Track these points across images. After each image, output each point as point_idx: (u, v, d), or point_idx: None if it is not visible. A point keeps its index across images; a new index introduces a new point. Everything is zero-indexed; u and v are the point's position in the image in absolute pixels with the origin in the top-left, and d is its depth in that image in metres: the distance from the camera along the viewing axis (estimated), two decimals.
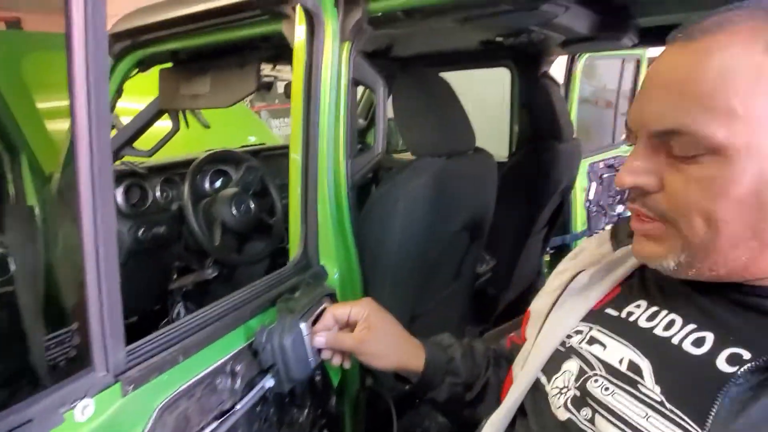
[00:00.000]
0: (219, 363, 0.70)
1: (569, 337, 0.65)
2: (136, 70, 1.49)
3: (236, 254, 1.76)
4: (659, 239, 0.53)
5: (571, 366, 0.61)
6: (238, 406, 0.70)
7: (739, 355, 0.48)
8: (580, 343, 0.62)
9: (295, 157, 1.01)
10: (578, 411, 0.58)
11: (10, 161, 1.47)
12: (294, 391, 0.88)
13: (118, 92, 1.49)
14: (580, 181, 2.24)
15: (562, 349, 0.64)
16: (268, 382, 0.76)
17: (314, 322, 0.82)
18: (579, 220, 2.33)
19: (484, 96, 2.50)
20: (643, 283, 0.63)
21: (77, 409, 0.52)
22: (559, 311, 0.68)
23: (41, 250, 1.17)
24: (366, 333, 0.82)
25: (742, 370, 0.46)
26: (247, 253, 1.83)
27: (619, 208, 2.56)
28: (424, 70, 1.31)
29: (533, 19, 1.21)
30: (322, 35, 0.97)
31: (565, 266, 0.75)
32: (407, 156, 2.08)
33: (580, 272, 0.70)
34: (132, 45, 1.38)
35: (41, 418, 0.49)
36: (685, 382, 0.50)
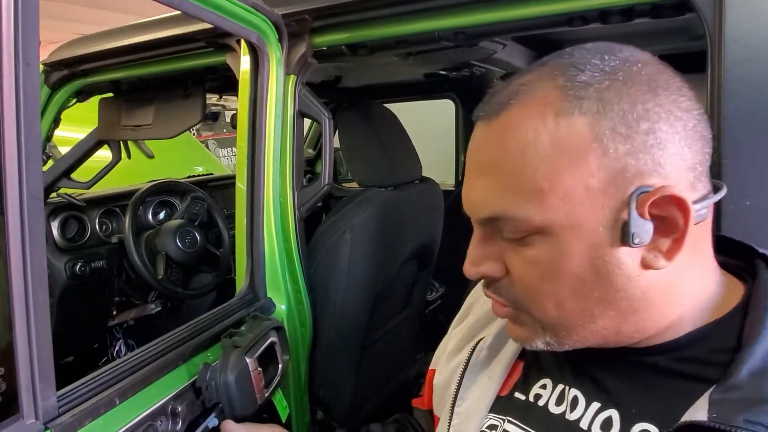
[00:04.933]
0: (159, 404, 0.67)
1: None
2: (74, 99, 1.45)
3: (181, 288, 1.71)
4: (518, 322, 0.51)
5: None
6: None
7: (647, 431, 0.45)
8: None
9: (241, 187, 1.01)
10: None
11: None
12: None
13: (56, 122, 1.44)
14: None
15: None
16: (212, 421, 0.74)
17: (262, 357, 0.81)
18: None
19: (430, 126, 2.56)
20: (542, 356, 0.58)
21: None
22: (467, 398, 0.62)
23: None
24: None
25: None
26: (192, 286, 1.78)
27: None
28: (369, 102, 1.33)
29: (473, 54, 1.26)
30: (267, 68, 0.98)
31: (461, 328, 0.69)
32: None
33: (478, 342, 0.64)
34: (70, 74, 1.35)
35: None
36: None
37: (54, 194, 1.56)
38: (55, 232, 1.53)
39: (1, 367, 0.54)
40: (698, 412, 0.42)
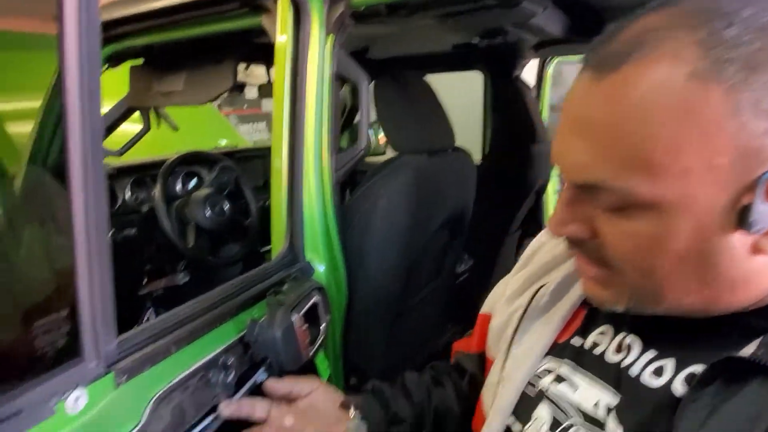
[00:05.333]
0: (211, 356, 0.67)
1: (538, 377, 0.58)
2: (106, 66, 1.45)
3: (210, 256, 1.72)
4: (605, 283, 0.48)
5: (543, 413, 0.55)
6: (234, 399, 0.68)
7: (693, 374, 0.44)
8: (549, 384, 0.56)
9: (280, 150, 1.00)
10: None
11: None
12: None
13: None
14: (552, 184, 2.29)
15: (531, 393, 0.57)
16: (261, 376, 0.74)
17: (306, 316, 0.81)
18: None
19: (457, 99, 2.53)
20: None
21: (69, 401, 0.49)
22: (523, 341, 0.61)
23: (6, 249, 1.12)
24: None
25: (694, 387, 0.42)
26: (220, 255, 1.79)
27: None
28: (405, 71, 1.31)
29: (512, 17, 1.23)
30: (308, 27, 0.96)
31: (523, 273, 0.68)
32: (379, 159, 2.09)
33: (541, 286, 0.63)
34: (103, 39, 1.34)
35: (30, 410, 0.46)
36: (645, 418, 0.46)
37: None
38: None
39: (64, 309, 0.55)
40: (744, 350, 0.41)
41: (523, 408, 0.58)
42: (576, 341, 0.57)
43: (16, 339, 0.57)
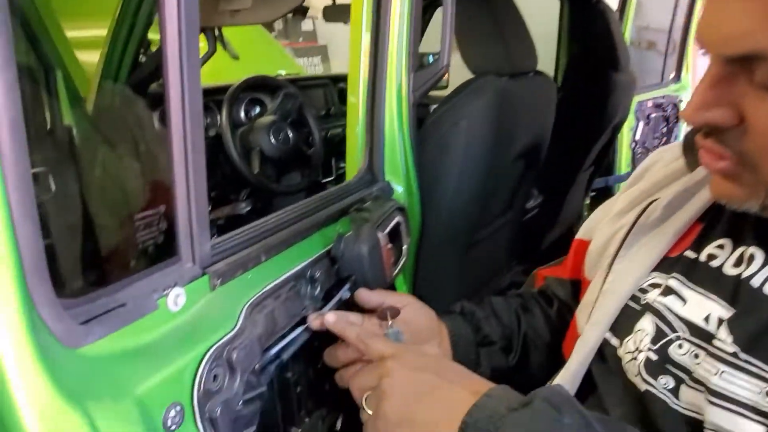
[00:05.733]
0: (300, 267, 0.65)
1: (643, 291, 0.56)
2: None
3: (274, 185, 1.71)
4: (738, 179, 0.45)
5: (646, 326, 0.53)
6: (322, 312, 0.66)
7: None
8: (656, 297, 0.54)
9: (359, 64, 0.94)
10: (655, 379, 0.50)
11: (46, 80, 1.42)
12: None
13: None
14: (628, 120, 2.15)
15: (635, 305, 0.56)
16: (345, 293, 0.72)
17: (390, 235, 0.77)
18: (624, 161, 2.24)
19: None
20: (727, 215, 0.53)
21: (169, 298, 0.48)
22: (629, 256, 0.59)
23: (84, 168, 1.13)
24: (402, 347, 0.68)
25: None
26: (283, 184, 1.78)
27: None
28: None
29: None
30: None
31: (632, 191, 0.65)
32: (441, 93, 2.00)
33: (652, 202, 0.60)
34: None
35: (135, 303, 0.45)
36: (762, 328, 0.44)
37: (154, 84, 1.56)
38: (155, 122, 1.54)
39: (162, 205, 0.53)
40: None
41: (625, 321, 0.56)
42: (689, 254, 0.55)
43: (120, 239, 0.56)
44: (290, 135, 1.68)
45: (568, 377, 0.58)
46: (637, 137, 2.27)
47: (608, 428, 0.44)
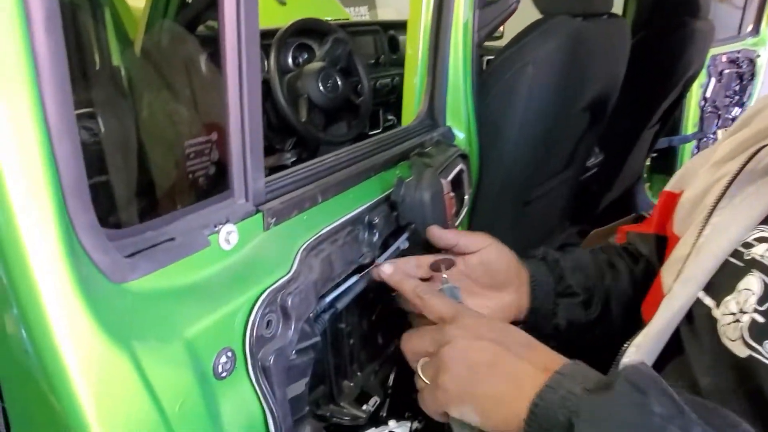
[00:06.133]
0: (358, 211, 0.60)
1: (747, 245, 0.49)
2: None
3: (321, 134, 1.65)
4: None
5: (753, 284, 0.46)
6: (379, 261, 0.61)
7: None
8: (764, 253, 0.47)
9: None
10: (760, 344, 0.44)
11: (94, 22, 1.40)
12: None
13: None
14: (701, 76, 1.98)
15: (737, 261, 0.49)
16: (403, 243, 0.66)
17: (452, 183, 0.71)
18: (691, 120, 2.08)
19: None
20: None
21: (221, 235, 0.43)
22: (731, 207, 0.52)
23: (133, 106, 1.10)
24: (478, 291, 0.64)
25: None
26: (330, 134, 1.72)
27: (735, 111, 2.27)
28: None
29: None
30: None
31: (736, 138, 0.58)
32: (497, 44, 1.87)
33: (761, 148, 0.52)
34: None
35: (184, 238, 0.41)
36: None
37: (202, 26, 1.51)
38: (205, 59, 1.50)
39: (214, 145, 0.48)
40: None
41: (724, 279, 0.50)
42: None
43: (169, 171, 0.52)
44: (339, 83, 1.61)
45: (650, 339, 0.51)
46: (708, 94, 2.10)
47: (705, 416, 0.38)
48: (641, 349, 0.51)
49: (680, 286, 0.51)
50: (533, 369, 0.45)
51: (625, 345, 0.54)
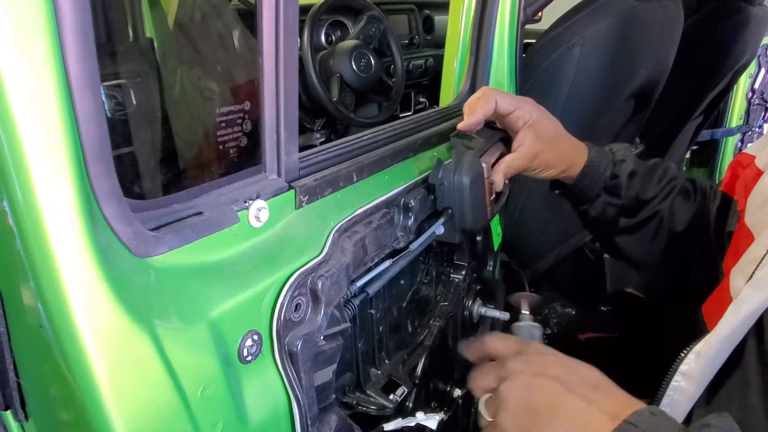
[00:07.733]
0: (394, 192, 0.57)
1: None
2: None
3: (352, 114, 1.62)
4: None
5: None
6: (413, 246, 0.57)
7: None
8: None
9: None
10: None
11: None
12: (455, 248, 0.75)
13: None
14: (750, 67, 1.88)
15: None
16: (439, 228, 0.63)
17: (494, 167, 0.67)
18: (736, 112, 1.99)
19: None
20: None
21: (251, 211, 0.41)
22: None
23: (165, 77, 1.08)
24: (535, 146, 0.68)
25: None
26: (362, 114, 1.68)
27: None
28: None
29: None
30: None
31: None
32: (535, 28, 1.80)
33: None
34: None
35: (213, 213, 0.38)
36: None
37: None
38: (236, 41, 1.47)
39: (247, 117, 0.45)
40: None
41: None
42: None
43: (199, 143, 0.50)
44: (372, 62, 1.57)
45: (713, 347, 0.47)
46: (756, 86, 1.99)
47: None
48: (702, 357, 0.46)
49: (752, 291, 0.46)
50: (600, 415, 0.41)
51: (684, 351, 0.50)
